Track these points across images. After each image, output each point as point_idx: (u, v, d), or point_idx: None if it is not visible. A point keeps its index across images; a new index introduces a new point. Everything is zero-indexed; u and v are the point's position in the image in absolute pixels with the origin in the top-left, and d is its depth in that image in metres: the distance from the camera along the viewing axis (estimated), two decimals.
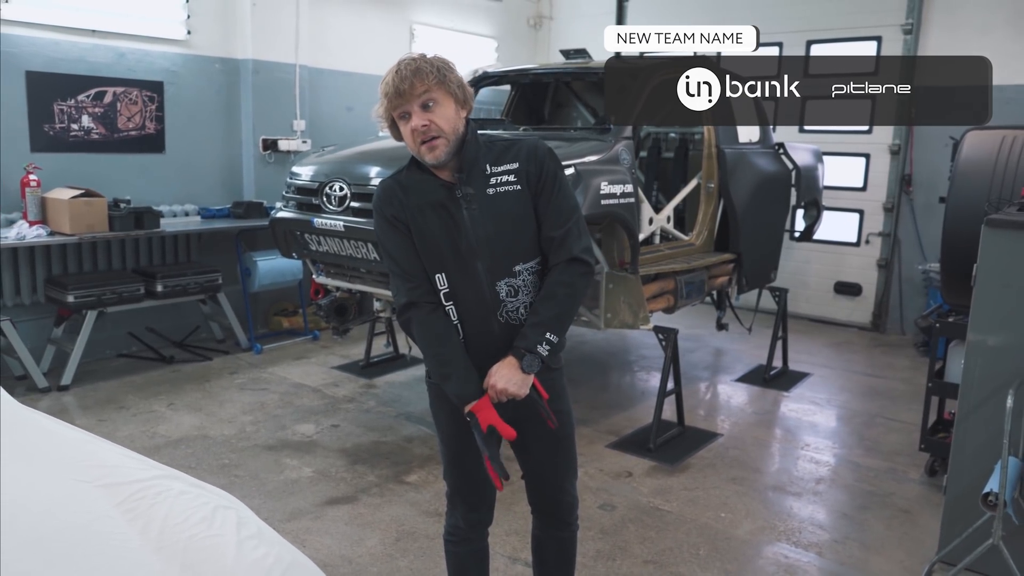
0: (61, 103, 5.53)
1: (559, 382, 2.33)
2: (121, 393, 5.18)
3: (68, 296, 5.20)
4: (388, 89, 2.06)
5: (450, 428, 2.33)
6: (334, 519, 3.59)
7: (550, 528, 2.50)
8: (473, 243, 2.14)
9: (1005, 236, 3.02)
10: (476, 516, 2.43)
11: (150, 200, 5.91)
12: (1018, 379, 2.93)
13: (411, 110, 2.06)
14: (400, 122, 2.10)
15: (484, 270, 2.16)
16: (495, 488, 2.38)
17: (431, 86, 2.05)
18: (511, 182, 2.16)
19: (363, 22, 7.42)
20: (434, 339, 2.20)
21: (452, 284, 2.19)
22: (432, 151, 2.08)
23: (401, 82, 2.03)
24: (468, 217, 2.14)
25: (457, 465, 2.37)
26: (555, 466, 2.39)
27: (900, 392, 5.72)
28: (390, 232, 2.20)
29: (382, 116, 2.13)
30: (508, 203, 2.15)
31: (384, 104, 2.09)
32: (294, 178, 4.51)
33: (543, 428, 2.27)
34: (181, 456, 4.19)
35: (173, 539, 1.52)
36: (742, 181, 5.28)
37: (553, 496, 2.44)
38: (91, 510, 1.59)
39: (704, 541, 3.50)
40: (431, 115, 2.06)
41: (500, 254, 2.16)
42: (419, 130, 2.06)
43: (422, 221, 2.17)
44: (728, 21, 8.12)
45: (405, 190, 2.19)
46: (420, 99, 2.05)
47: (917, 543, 3.54)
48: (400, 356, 5.97)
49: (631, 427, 4.84)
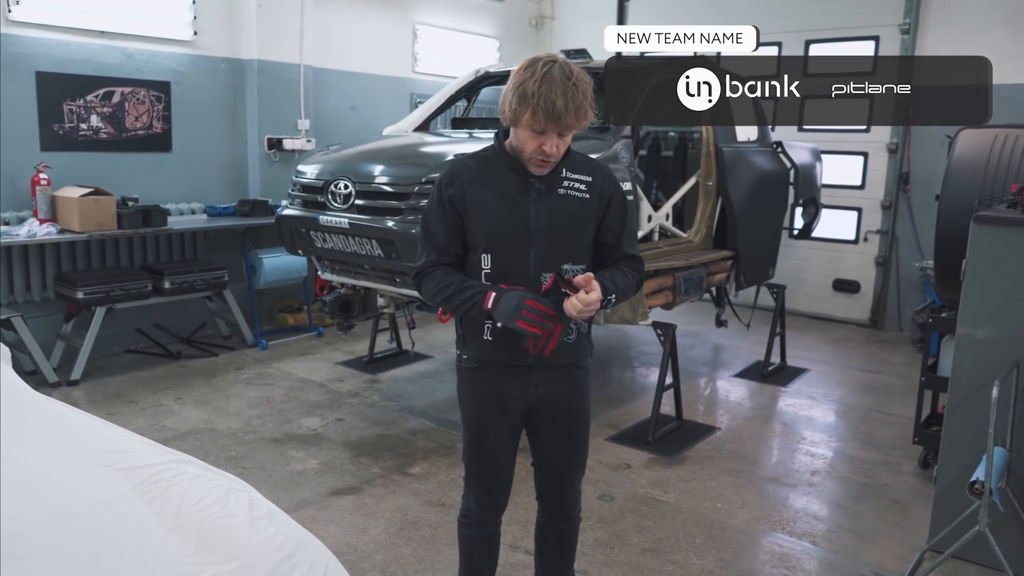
0: (70, 103, 5.62)
1: (584, 381, 2.44)
2: (130, 388, 5.28)
3: (77, 293, 5.29)
4: (546, 109, 2.08)
5: (474, 410, 2.42)
6: (339, 509, 3.68)
7: (553, 519, 2.59)
8: (533, 231, 2.25)
9: (992, 232, 3.10)
10: (489, 501, 2.52)
11: (157, 198, 6.01)
12: (1004, 371, 3.01)
13: (551, 133, 2.15)
14: (529, 128, 2.15)
15: (536, 259, 2.26)
16: (511, 476, 2.50)
17: (576, 125, 2.15)
18: (582, 191, 2.29)
19: (366, 23, 7.51)
20: (447, 275, 2.28)
21: (497, 266, 2.27)
22: (541, 168, 2.22)
23: (564, 112, 2.09)
24: (535, 208, 2.26)
25: (475, 448, 2.46)
26: (565, 460, 2.49)
27: (896, 387, 5.80)
28: (439, 211, 2.30)
29: (514, 110, 2.14)
30: (573, 206, 2.28)
31: (528, 112, 2.11)
32: (300, 176, 4.61)
33: (561, 422, 2.40)
34: (189, 448, 4.28)
35: (189, 518, 1.60)
36: (740, 179, 5.36)
37: (559, 488, 2.54)
38: (111, 491, 1.67)
39: (700, 530, 3.59)
40: (561, 143, 2.19)
41: (554, 248, 2.27)
42: (547, 153, 2.17)
43: (486, 201, 2.27)
44: (727, 20, 8.19)
45: (475, 170, 2.31)
46: (563, 130, 2.15)
47: (909, 532, 3.62)
48: (404, 352, 6.06)
49: (630, 421, 4.93)
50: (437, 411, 5.00)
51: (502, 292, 2.19)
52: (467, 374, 2.42)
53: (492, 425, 2.40)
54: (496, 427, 2.40)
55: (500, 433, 2.41)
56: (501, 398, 2.36)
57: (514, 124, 2.20)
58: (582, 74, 2.13)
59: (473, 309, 2.22)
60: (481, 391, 2.39)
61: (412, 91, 7.97)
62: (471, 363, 2.39)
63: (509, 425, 2.41)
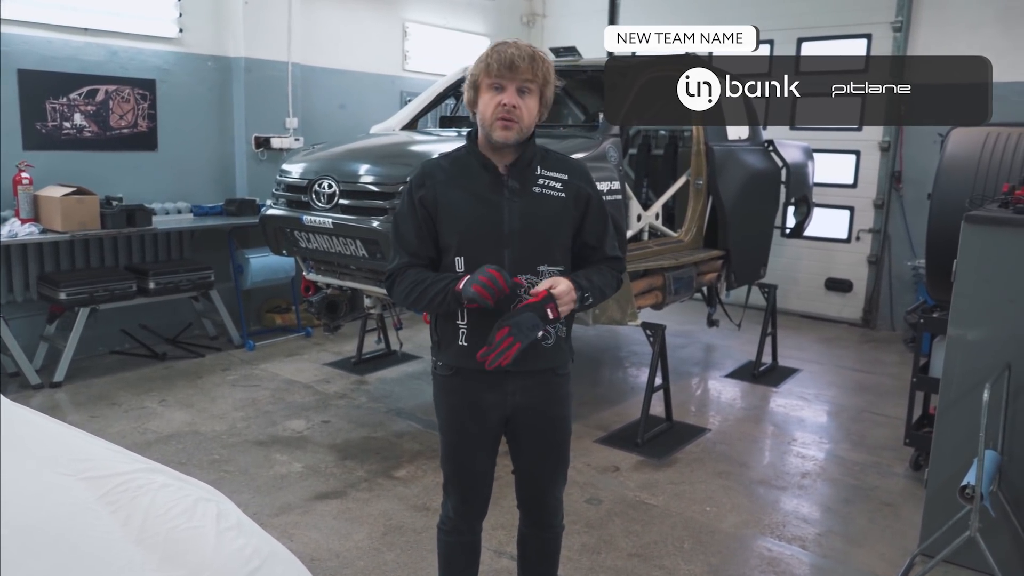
0: (53, 101, 5.55)
1: (564, 388, 2.37)
2: (113, 390, 5.21)
3: (60, 293, 5.22)
4: (499, 58, 2.10)
5: (450, 418, 2.37)
6: (322, 514, 3.62)
7: (534, 528, 2.54)
8: (506, 231, 2.19)
9: (984, 232, 3.06)
10: (466, 508, 2.46)
11: (143, 198, 5.94)
12: (995, 373, 2.97)
13: (508, 87, 2.12)
14: (488, 91, 2.15)
15: (510, 260, 2.20)
16: (489, 483, 2.45)
17: (535, 77, 2.13)
18: (557, 189, 2.24)
19: (355, 20, 7.44)
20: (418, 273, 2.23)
21: (471, 268, 2.21)
22: (506, 130, 2.14)
23: (518, 58, 2.10)
24: (508, 207, 2.20)
25: (452, 456, 2.41)
26: (545, 469, 2.43)
27: (888, 387, 5.77)
28: (410, 214, 2.25)
29: (475, 76, 2.17)
30: (549, 205, 2.23)
31: (482, 68, 2.14)
32: (284, 175, 4.54)
33: (540, 430, 2.34)
34: (172, 452, 4.22)
35: (154, 530, 1.55)
36: (731, 178, 5.32)
37: (538, 497, 2.48)
38: (74, 502, 1.61)
39: (689, 534, 3.54)
40: (522, 101, 2.14)
41: (529, 249, 2.21)
42: (506, 107, 2.12)
43: (457, 201, 2.21)
44: (720, 18, 8.18)
45: (447, 171, 2.26)
46: (522, 82, 2.12)
47: (899, 536, 3.58)
48: (392, 352, 6.00)
49: (620, 422, 4.88)
50: (424, 412, 4.95)
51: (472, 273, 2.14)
52: (442, 381, 2.36)
53: (468, 433, 2.34)
54: (472, 435, 2.34)
55: (476, 441, 2.35)
56: (477, 406, 2.30)
57: (476, 97, 2.18)
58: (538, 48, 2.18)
59: (447, 296, 2.15)
60: (456, 399, 2.33)
61: (402, 89, 7.90)
62: (446, 370, 2.33)
63: (486, 433, 2.35)
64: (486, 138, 2.20)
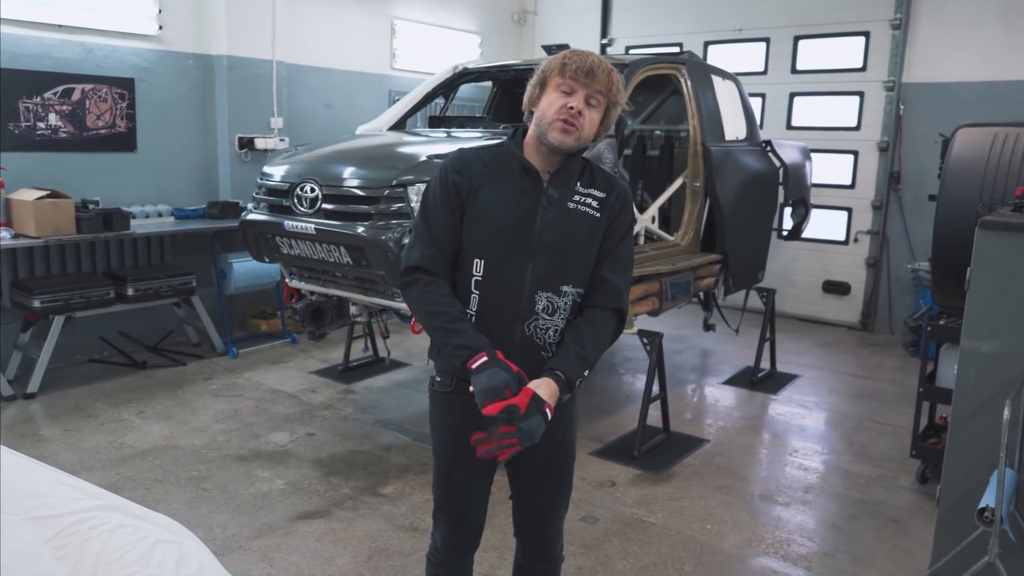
0: (27, 100, 5.34)
1: (570, 409, 2.19)
2: (90, 401, 5.01)
3: (34, 301, 5.02)
4: (578, 62, 2.00)
5: (446, 439, 2.20)
6: (304, 535, 3.44)
7: (531, 559, 2.37)
8: (534, 241, 2.04)
9: (1001, 239, 2.89)
10: (456, 539, 2.28)
11: (122, 201, 5.74)
12: (1015, 388, 2.81)
13: (578, 92, 2.01)
14: (555, 91, 2.03)
15: (532, 274, 2.05)
16: (482, 515, 2.28)
17: (607, 92, 2.03)
18: (593, 207, 2.10)
19: (342, 17, 7.25)
20: (441, 298, 2.05)
21: (489, 274, 2.05)
22: (565, 134, 2.00)
23: (597, 68, 2.00)
24: (542, 216, 2.05)
25: (444, 481, 2.23)
26: (545, 495, 2.26)
27: (890, 394, 5.62)
28: (443, 198, 2.08)
29: (544, 74, 2.06)
30: (582, 223, 2.08)
31: (556, 68, 2.02)
32: (265, 178, 4.36)
33: (543, 455, 2.16)
34: (148, 468, 4.03)
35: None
36: (728, 180, 5.16)
37: (538, 526, 2.31)
38: (16, 547, 1.45)
39: (689, 555, 3.37)
40: (588, 113, 2.02)
41: (554, 266, 2.06)
42: (572, 110, 1.99)
43: (491, 198, 2.06)
44: (715, 15, 8.06)
45: (486, 164, 2.11)
46: (593, 92, 2.01)
47: (908, 555, 3.43)
48: (380, 360, 5.82)
49: (616, 433, 4.71)
50: (413, 424, 4.77)
51: (493, 361, 1.95)
52: (439, 399, 2.19)
53: (464, 457, 2.14)
54: (468, 459, 2.15)
55: (472, 467, 2.17)
56: (477, 425, 2.13)
57: (539, 95, 2.05)
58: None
59: (454, 360, 2.00)
60: (455, 418, 2.15)
61: (391, 88, 7.72)
62: (444, 386, 2.15)
63: (481, 460, 2.18)
64: (538, 139, 2.05)
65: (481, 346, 1.97)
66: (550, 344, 2.09)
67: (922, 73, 6.94)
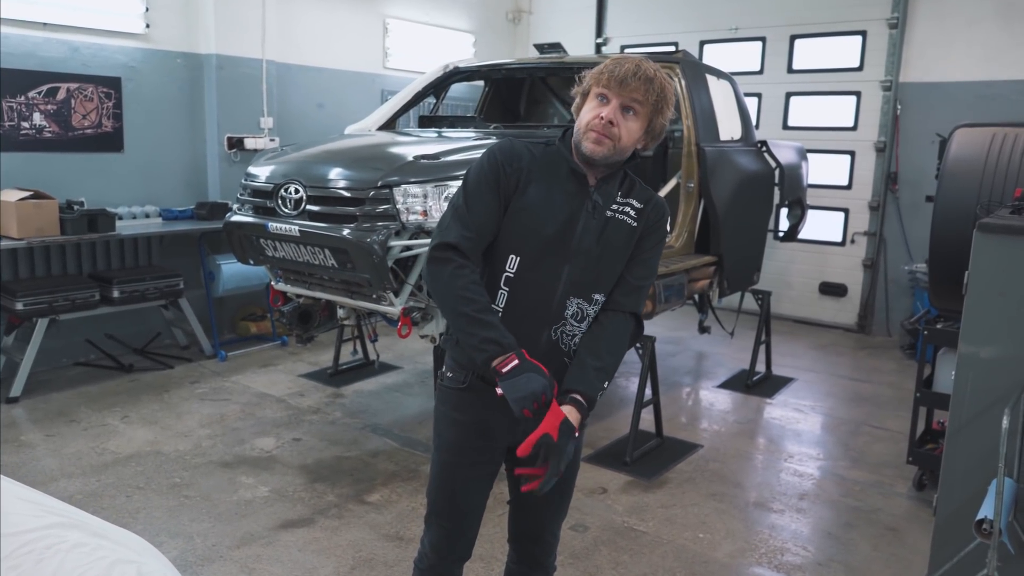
0: (10, 100, 5.26)
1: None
2: (74, 405, 4.93)
3: (17, 304, 4.94)
4: (617, 71, 1.94)
5: (453, 436, 2.11)
6: (287, 545, 3.36)
7: (525, 567, 2.30)
8: (574, 245, 1.99)
9: (1000, 242, 2.81)
10: (447, 546, 2.19)
11: (108, 201, 5.65)
12: (1014, 395, 2.74)
13: (613, 100, 1.94)
14: (593, 99, 1.98)
15: (567, 279, 1.99)
16: (477, 523, 2.20)
17: (645, 100, 1.94)
18: (631, 216, 2.06)
19: (333, 15, 7.17)
20: (473, 284, 1.94)
21: (523, 273, 1.98)
22: (596, 144, 1.95)
23: (631, 75, 1.93)
24: (584, 221, 2.00)
25: (444, 483, 2.15)
26: (548, 503, 2.18)
27: (887, 398, 5.55)
28: (489, 181, 1.99)
29: (588, 82, 2.01)
30: (618, 232, 2.04)
31: (595, 75, 1.98)
32: (249, 179, 4.27)
33: None
34: (129, 475, 3.95)
35: None
36: (723, 180, 5.08)
37: (536, 533, 2.25)
38: None
39: (681, 566, 3.29)
40: (623, 120, 1.95)
41: (589, 273, 2.01)
42: (604, 121, 1.93)
43: (537, 194, 1.99)
44: (710, 14, 7.98)
45: (536, 159, 2.04)
46: (629, 100, 1.94)
47: (905, 564, 3.35)
48: (370, 363, 5.73)
49: (608, 438, 4.64)
50: (402, 429, 4.69)
51: (526, 364, 1.88)
52: (449, 395, 2.10)
53: (469, 458, 2.09)
54: (472, 460, 2.09)
55: (476, 469, 2.11)
56: (485, 425, 2.05)
57: (582, 103, 2.01)
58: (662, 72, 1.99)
59: (478, 353, 1.90)
60: (464, 416, 2.07)
61: (383, 87, 7.63)
62: (457, 381, 2.06)
63: (488, 461, 2.11)
64: (576, 147, 1.99)
65: (511, 345, 1.89)
66: (574, 351, 2.03)
67: (919, 72, 6.86)
